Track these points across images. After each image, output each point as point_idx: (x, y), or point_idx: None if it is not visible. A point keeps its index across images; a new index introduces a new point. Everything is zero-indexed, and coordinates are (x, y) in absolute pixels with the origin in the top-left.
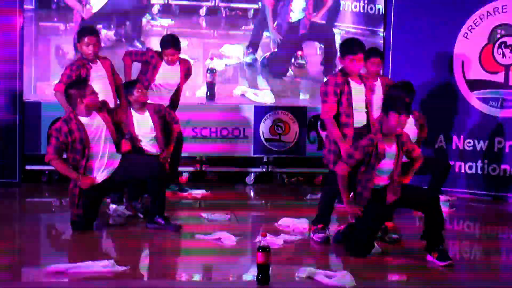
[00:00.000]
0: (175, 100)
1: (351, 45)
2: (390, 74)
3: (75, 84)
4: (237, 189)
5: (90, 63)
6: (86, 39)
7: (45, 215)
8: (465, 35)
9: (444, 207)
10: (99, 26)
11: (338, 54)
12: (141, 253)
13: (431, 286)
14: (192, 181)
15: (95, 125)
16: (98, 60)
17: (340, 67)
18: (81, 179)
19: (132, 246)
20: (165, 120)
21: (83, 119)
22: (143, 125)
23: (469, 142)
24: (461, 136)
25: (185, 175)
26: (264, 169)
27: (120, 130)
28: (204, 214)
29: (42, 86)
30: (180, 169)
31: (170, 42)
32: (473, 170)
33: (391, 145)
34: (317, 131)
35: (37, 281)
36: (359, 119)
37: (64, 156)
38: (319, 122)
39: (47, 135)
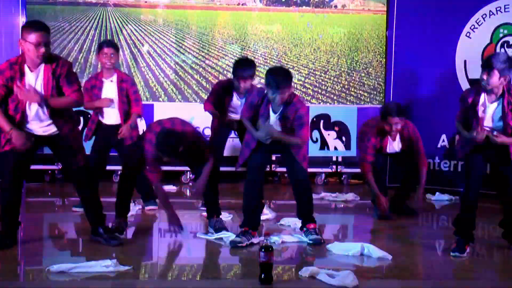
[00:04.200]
0: None
1: None
2: (392, 74)
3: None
4: (239, 188)
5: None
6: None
7: (47, 214)
8: (468, 34)
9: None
10: None
11: None
12: (143, 253)
13: (434, 286)
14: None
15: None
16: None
17: None
18: (13, 135)
19: (134, 246)
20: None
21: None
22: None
23: None
24: None
25: (187, 174)
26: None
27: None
28: (206, 214)
29: None
30: (181, 169)
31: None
32: None
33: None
34: (320, 130)
35: (40, 280)
36: None
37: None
38: (321, 122)
39: None
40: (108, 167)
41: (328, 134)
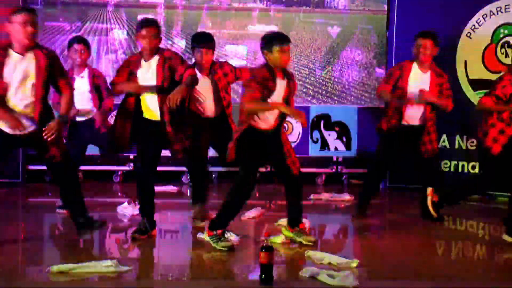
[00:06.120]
0: None
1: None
2: None
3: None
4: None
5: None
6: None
7: (48, 214)
8: (468, 34)
9: None
10: None
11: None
12: (143, 253)
13: (435, 286)
14: None
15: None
16: None
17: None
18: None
19: (135, 246)
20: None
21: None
22: None
23: (472, 142)
24: (464, 136)
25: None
26: (267, 169)
27: None
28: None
29: None
30: (179, 169)
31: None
32: (477, 170)
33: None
34: (320, 130)
35: (40, 281)
36: None
37: None
38: (322, 122)
39: None
40: (108, 168)
41: (329, 135)
